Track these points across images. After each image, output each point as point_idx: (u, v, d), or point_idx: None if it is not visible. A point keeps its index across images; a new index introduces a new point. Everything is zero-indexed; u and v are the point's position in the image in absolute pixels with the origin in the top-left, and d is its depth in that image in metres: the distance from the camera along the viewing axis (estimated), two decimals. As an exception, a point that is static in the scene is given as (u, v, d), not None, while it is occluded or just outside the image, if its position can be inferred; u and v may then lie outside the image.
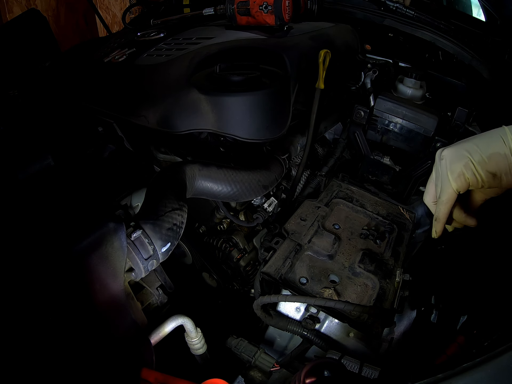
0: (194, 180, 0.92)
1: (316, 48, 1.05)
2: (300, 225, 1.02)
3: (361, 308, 0.79)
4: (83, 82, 1.26)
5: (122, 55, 1.23)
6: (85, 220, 0.73)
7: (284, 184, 1.24)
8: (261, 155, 1.14)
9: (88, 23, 3.30)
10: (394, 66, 1.32)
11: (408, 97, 1.20)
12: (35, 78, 1.43)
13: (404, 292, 0.87)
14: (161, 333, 0.80)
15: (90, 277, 0.68)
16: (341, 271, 0.91)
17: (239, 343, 0.87)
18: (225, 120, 0.92)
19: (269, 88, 0.93)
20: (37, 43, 1.74)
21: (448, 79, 1.30)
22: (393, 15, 1.44)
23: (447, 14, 1.52)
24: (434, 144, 1.13)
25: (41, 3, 2.85)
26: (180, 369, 0.79)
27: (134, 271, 0.75)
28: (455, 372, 0.45)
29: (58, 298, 0.65)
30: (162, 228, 0.76)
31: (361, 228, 1.04)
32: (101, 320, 0.69)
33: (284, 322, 0.89)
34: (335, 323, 0.88)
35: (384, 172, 1.27)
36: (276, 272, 0.88)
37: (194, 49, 1.11)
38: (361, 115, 1.22)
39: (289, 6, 1.15)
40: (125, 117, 1.06)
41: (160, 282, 0.92)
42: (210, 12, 1.30)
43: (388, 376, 0.73)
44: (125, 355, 0.70)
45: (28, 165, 1.00)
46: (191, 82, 0.96)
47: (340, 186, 1.20)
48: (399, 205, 1.15)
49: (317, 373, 0.54)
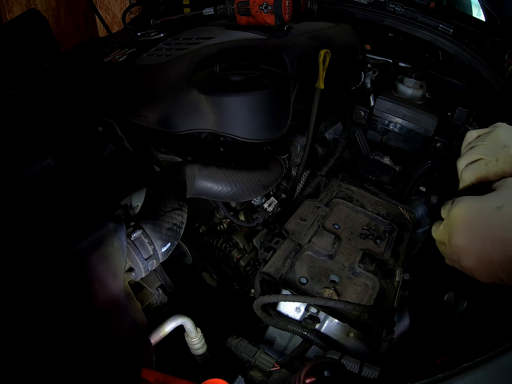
0: (194, 180, 0.92)
1: (316, 48, 1.05)
2: (300, 225, 1.02)
3: (361, 307, 0.79)
4: (83, 82, 1.26)
5: (122, 55, 1.23)
6: (85, 220, 0.73)
7: (284, 184, 1.24)
8: (261, 155, 1.14)
9: (88, 23, 3.30)
10: (394, 66, 1.32)
11: (408, 97, 1.20)
12: (35, 78, 1.43)
13: (404, 292, 0.87)
14: (161, 333, 0.80)
15: (90, 277, 0.68)
16: (341, 271, 0.91)
17: (239, 343, 0.87)
18: (225, 120, 0.92)
19: (269, 88, 0.93)
20: (37, 43, 1.74)
21: (448, 79, 1.30)
22: (393, 15, 1.44)
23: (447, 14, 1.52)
24: (434, 144, 1.13)
25: (41, 3, 2.85)
26: (180, 369, 0.78)
27: (134, 271, 0.75)
28: (455, 372, 0.45)
29: (58, 298, 0.65)
30: (162, 228, 0.76)
31: (361, 228, 1.04)
32: (101, 320, 0.69)
33: (284, 322, 0.89)
34: (335, 323, 0.88)
35: (384, 172, 1.27)
36: (276, 272, 0.88)
37: (194, 49, 1.11)
38: (361, 115, 1.22)
39: (289, 6, 1.15)
40: (125, 117, 1.06)
41: (160, 282, 0.92)
42: (210, 12, 1.30)
43: (388, 376, 0.73)
44: (125, 355, 0.70)
45: (28, 165, 1.00)
46: (191, 82, 0.96)
47: (340, 186, 1.20)
48: (399, 205, 1.15)
49: (317, 373, 0.54)
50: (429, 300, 1.10)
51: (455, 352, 0.77)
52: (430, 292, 1.11)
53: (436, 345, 0.92)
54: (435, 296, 1.10)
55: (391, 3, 1.46)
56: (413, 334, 1.02)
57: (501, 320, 0.68)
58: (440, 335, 0.97)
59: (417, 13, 1.43)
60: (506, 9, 1.37)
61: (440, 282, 1.09)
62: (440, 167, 1.17)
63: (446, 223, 0.65)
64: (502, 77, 1.28)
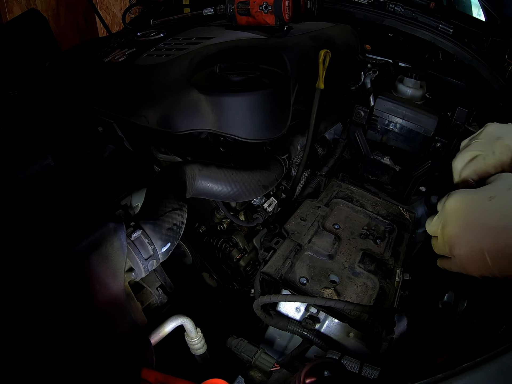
0: (194, 180, 0.92)
1: (316, 48, 1.05)
2: (300, 225, 1.02)
3: (361, 307, 0.79)
4: (83, 82, 1.26)
5: (122, 55, 1.23)
6: (85, 220, 0.73)
7: (284, 184, 1.24)
8: (261, 155, 1.14)
9: (88, 23, 3.29)
10: (394, 66, 1.32)
11: (408, 97, 1.20)
12: (35, 78, 1.43)
13: (404, 292, 0.87)
14: (161, 333, 0.80)
15: (90, 277, 0.68)
16: (341, 271, 0.91)
17: (239, 343, 0.87)
18: (225, 120, 0.92)
19: (269, 88, 0.93)
20: (37, 43, 1.74)
21: (448, 79, 1.30)
22: (393, 15, 1.44)
23: (447, 14, 1.52)
24: (434, 144, 1.13)
25: (41, 3, 2.85)
26: (180, 369, 0.78)
27: (134, 271, 0.75)
28: (455, 372, 0.45)
29: (58, 298, 0.65)
30: (162, 228, 0.76)
31: (361, 228, 1.04)
32: (101, 320, 0.69)
33: (284, 322, 0.89)
34: (335, 323, 0.88)
35: (384, 172, 1.27)
36: (276, 272, 0.88)
37: (194, 49, 1.11)
38: (361, 115, 1.22)
39: (289, 6, 1.15)
40: (125, 117, 1.06)
41: (160, 282, 0.92)
42: (210, 12, 1.30)
43: (388, 376, 0.73)
44: (125, 355, 0.70)
45: (28, 165, 1.00)
46: (191, 82, 0.96)
47: (340, 186, 1.20)
48: (399, 205, 1.15)
49: (317, 373, 0.54)
50: (429, 300, 1.10)
51: (455, 352, 0.77)
52: (430, 292, 1.11)
53: (436, 345, 0.92)
54: (435, 296, 1.10)
55: (391, 3, 1.46)
56: (413, 334, 1.02)
57: (501, 320, 0.68)
58: (440, 335, 0.97)
59: (417, 13, 1.43)
60: (506, 9, 1.37)
61: (440, 282, 1.09)
62: (440, 167, 1.17)
63: (441, 214, 0.66)
64: (502, 77, 1.28)
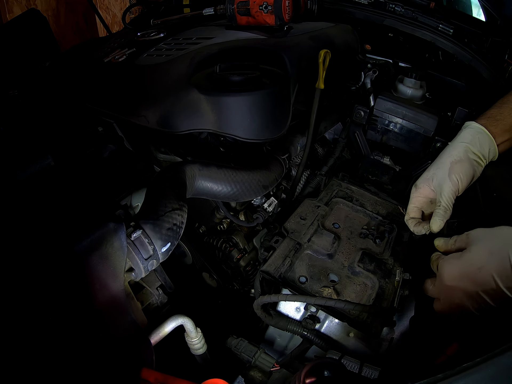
0: (194, 180, 0.92)
1: (316, 48, 1.05)
2: (299, 224, 1.02)
3: (361, 307, 0.79)
4: (83, 82, 1.26)
5: (122, 55, 1.23)
6: (85, 220, 0.73)
7: (284, 184, 1.24)
8: (261, 155, 1.14)
9: (88, 23, 3.29)
10: (394, 66, 1.32)
11: (408, 97, 1.20)
12: (35, 78, 1.43)
13: (404, 291, 0.87)
14: (161, 333, 0.80)
15: (90, 277, 0.68)
16: (341, 270, 0.91)
17: (239, 343, 0.87)
18: (225, 120, 0.92)
19: (269, 88, 0.93)
20: (37, 43, 1.74)
21: (448, 79, 1.30)
22: (393, 15, 1.44)
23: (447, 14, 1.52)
24: (434, 144, 1.13)
25: (41, 3, 2.85)
26: (180, 369, 0.78)
27: (134, 271, 0.75)
28: (455, 372, 0.45)
29: (58, 298, 0.65)
30: (162, 228, 0.76)
31: (360, 228, 1.04)
32: (101, 320, 0.69)
33: (284, 322, 0.89)
34: (335, 323, 0.88)
35: (384, 172, 1.27)
36: (276, 270, 0.88)
37: (194, 49, 1.11)
38: (361, 115, 1.22)
39: (289, 6, 1.15)
40: (125, 117, 1.06)
41: (160, 282, 0.92)
42: (210, 12, 1.30)
43: (388, 376, 0.73)
44: (125, 355, 0.70)
45: (28, 165, 1.00)
46: (191, 82, 0.96)
47: (340, 185, 1.20)
48: (399, 205, 1.15)
49: (317, 373, 0.54)
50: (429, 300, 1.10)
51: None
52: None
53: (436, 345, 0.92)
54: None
55: (391, 3, 1.46)
56: (413, 334, 1.02)
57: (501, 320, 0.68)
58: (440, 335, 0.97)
59: (417, 13, 1.43)
60: (506, 9, 1.37)
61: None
62: (440, 167, 1.16)
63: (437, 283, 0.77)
64: (502, 77, 1.28)
